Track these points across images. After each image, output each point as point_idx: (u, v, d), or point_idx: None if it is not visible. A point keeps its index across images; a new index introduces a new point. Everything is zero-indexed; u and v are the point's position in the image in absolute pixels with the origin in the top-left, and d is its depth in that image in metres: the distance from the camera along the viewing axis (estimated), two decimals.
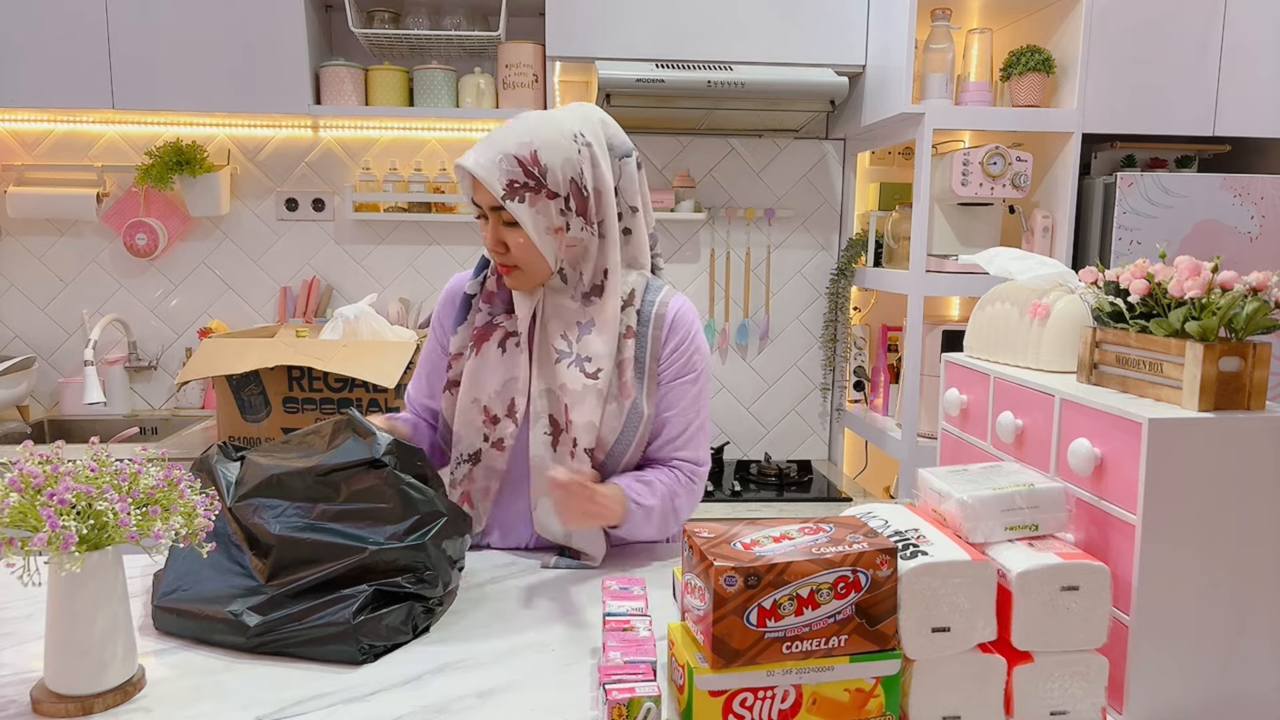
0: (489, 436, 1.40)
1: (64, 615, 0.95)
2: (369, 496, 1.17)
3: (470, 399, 1.40)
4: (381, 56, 2.75)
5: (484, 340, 1.41)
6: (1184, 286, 1.01)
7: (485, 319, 1.42)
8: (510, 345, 1.40)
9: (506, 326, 1.41)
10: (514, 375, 1.39)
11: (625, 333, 1.38)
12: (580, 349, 1.36)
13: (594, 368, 1.35)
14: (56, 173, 2.77)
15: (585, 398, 1.35)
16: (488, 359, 1.40)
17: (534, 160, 1.28)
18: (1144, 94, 2.35)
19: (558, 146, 1.30)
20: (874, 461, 2.93)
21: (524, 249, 1.32)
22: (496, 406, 1.39)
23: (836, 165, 2.94)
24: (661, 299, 1.42)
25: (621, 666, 0.93)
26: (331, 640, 1.08)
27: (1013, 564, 0.92)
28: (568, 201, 1.32)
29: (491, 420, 1.40)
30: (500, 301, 1.42)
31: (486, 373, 1.40)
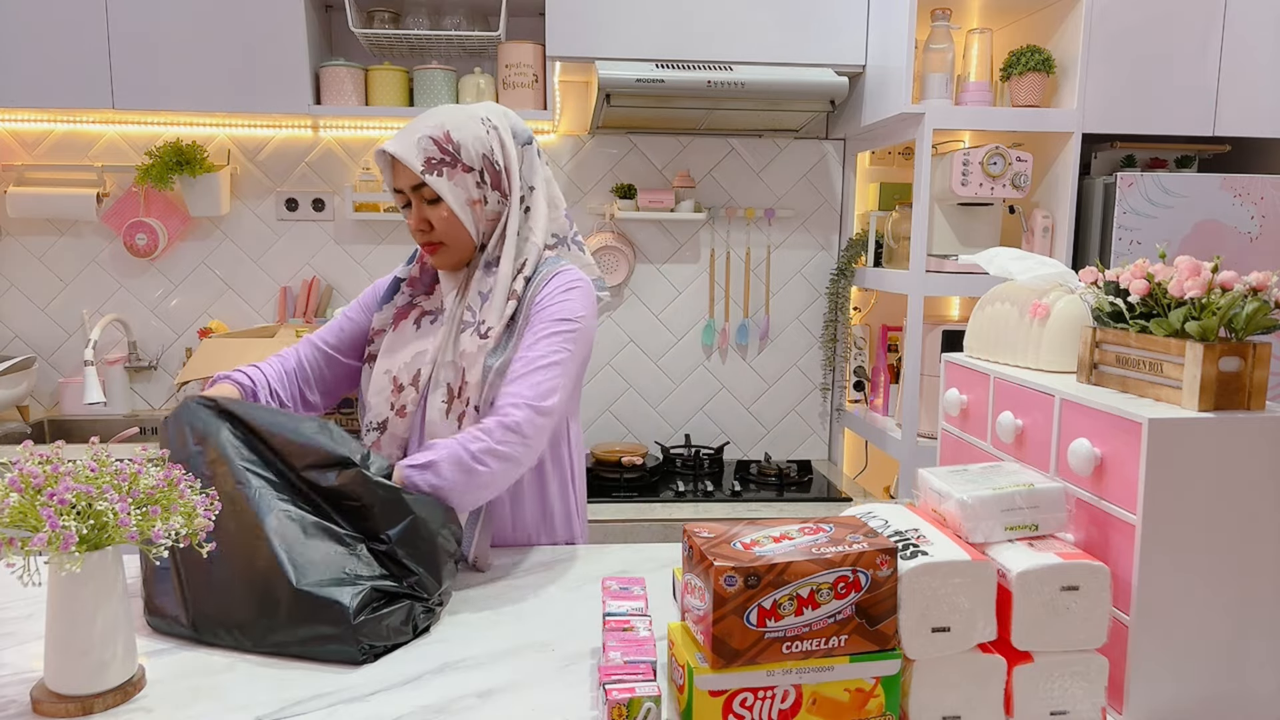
0: (394, 405, 1.47)
1: (64, 615, 0.95)
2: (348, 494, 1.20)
3: (383, 370, 1.50)
4: (381, 56, 2.75)
5: (402, 319, 1.53)
6: (1184, 286, 1.01)
7: (406, 299, 1.55)
8: (425, 323, 1.50)
9: (424, 306, 1.53)
10: (422, 349, 1.47)
11: (510, 295, 1.43)
12: (481, 315, 1.43)
13: (486, 328, 1.41)
14: (56, 173, 2.77)
15: (478, 359, 1.40)
16: (403, 335, 1.51)
17: (447, 139, 1.40)
18: (1144, 94, 2.35)
19: (467, 127, 1.42)
20: (874, 461, 2.93)
21: (446, 223, 1.42)
22: (403, 376, 1.47)
23: (836, 165, 2.94)
24: (550, 270, 1.45)
25: (621, 666, 0.93)
26: (331, 640, 1.08)
27: (1013, 564, 0.92)
28: (482, 175, 1.42)
29: (397, 389, 1.47)
30: (421, 285, 1.56)
31: (399, 347, 1.50)
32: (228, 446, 1.21)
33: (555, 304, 1.40)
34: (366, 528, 1.20)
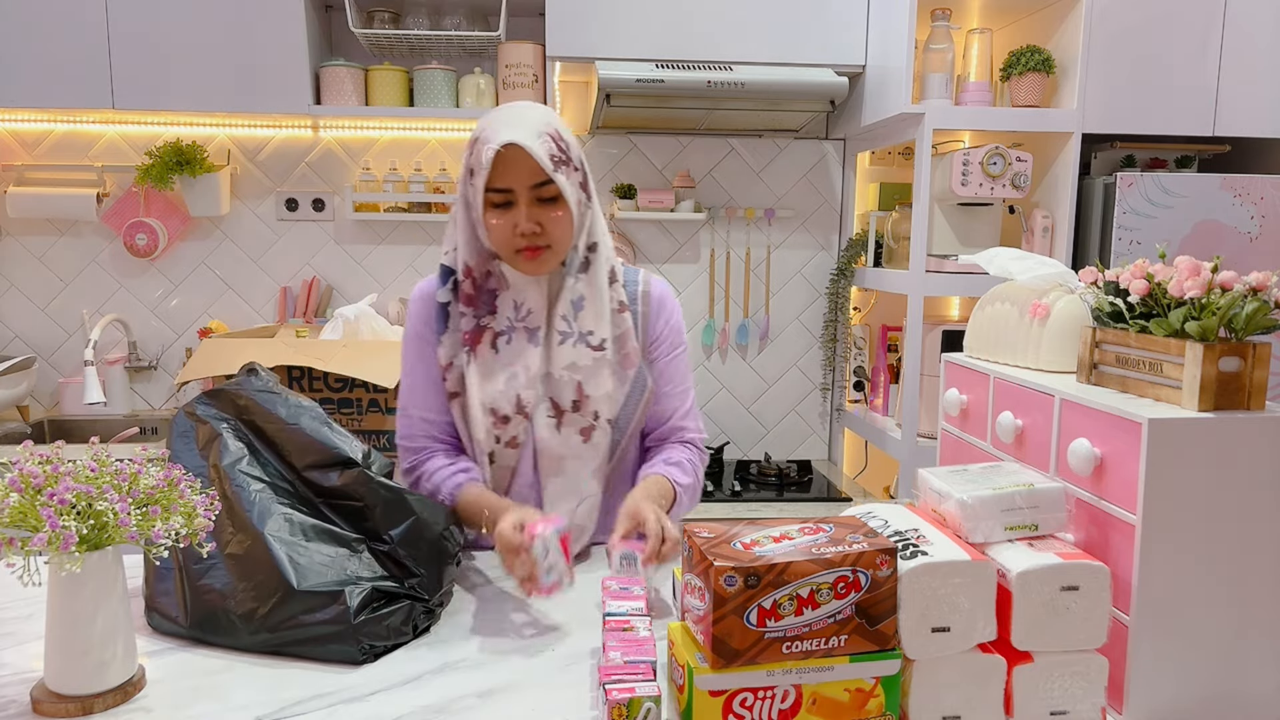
0: (501, 438, 1.39)
1: (64, 615, 0.95)
2: (348, 494, 1.21)
3: (478, 404, 1.38)
4: (381, 56, 2.75)
5: (476, 344, 1.39)
6: (1184, 286, 1.01)
7: (472, 323, 1.39)
8: (502, 344, 1.39)
9: (494, 326, 1.39)
10: (514, 370, 1.39)
11: (618, 308, 1.42)
12: (579, 325, 1.39)
13: (597, 340, 1.39)
14: (56, 173, 2.77)
15: (598, 371, 1.38)
16: (486, 363, 1.39)
17: (559, 136, 1.32)
18: (1144, 94, 2.35)
19: (565, 126, 1.36)
20: (874, 461, 2.93)
21: (559, 224, 1.32)
22: (504, 405, 1.38)
23: (836, 165, 2.94)
24: (643, 278, 1.49)
25: (621, 666, 0.93)
26: (331, 640, 1.08)
27: (1013, 564, 0.92)
28: (580, 176, 1.37)
29: (501, 420, 1.39)
30: (481, 303, 1.39)
31: (487, 376, 1.39)
32: (229, 449, 1.21)
33: (679, 324, 1.50)
34: (368, 528, 1.20)
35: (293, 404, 1.25)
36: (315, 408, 1.27)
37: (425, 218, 2.80)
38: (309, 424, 1.23)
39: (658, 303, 1.48)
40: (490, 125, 1.31)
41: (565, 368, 1.38)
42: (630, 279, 1.48)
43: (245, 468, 1.20)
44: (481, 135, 1.31)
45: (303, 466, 1.21)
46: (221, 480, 1.18)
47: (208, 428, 1.23)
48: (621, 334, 1.42)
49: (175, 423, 1.25)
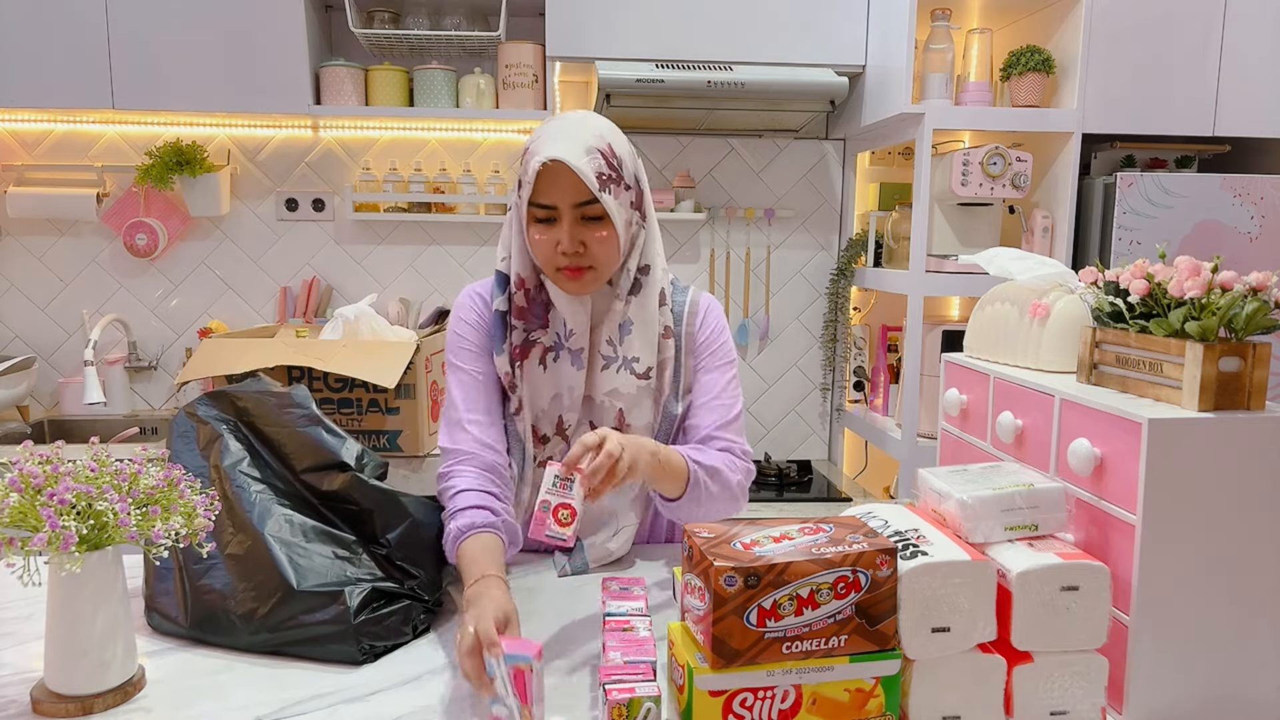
0: (537, 456, 1.37)
1: (64, 615, 0.95)
2: (343, 498, 1.20)
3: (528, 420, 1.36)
4: (381, 56, 2.75)
5: (524, 359, 1.34)
6: (1184, 286, 1.01)
7: (522, 336, 1.34)
8: (550, 360, 1.34)
9: (544, 342, 1.34)
10: (558, 391, 1.35)
11: (664, 333, 1.36)
12: (624, 350, 1.34)
13: (643, 368, 1.34)
14: (56, 173, 2.77)
15: (641, 400, 1.34)
16: (533, 380, 1.35)
17: (611, 152, 1.26)
18: (1144, 94, 2.35)
19: (622, 141, 1.30)
20: (874, 461, 2.93)
21: (604, 244, 1.26)
22: (544, 425, 1.36)
23: (836, 165, 2.94)
24: (691, 297, 1.43)
25: (621, 666, 0.93)
26: (331, 640, 1.08)
27: (1013, 564, 0.92)
28: (635, 195, 1.31)
29: (540, 440, 1.36)
30: (533, 317, 1.34)
31: (532, 392, 1.35)
32: (230, 450, 1.21)
33: (724, 338, 1.41)
34: (366, 531, 1.20)
35: (289, 403, 1.25)
36: (306, 400, 1.25)
37: (425, 218, 2.80)
38: (304, 425, 1.23)
39: (704, 318, 1.42)
40: (541, 136, 1.26)
41: (607, 394, 1.33)
42: (678, 298, 1.42)
43: (245, 469, 1.20)
44: (531, 146, 1.26)
45: (301, 469, 1.22)
46: (222, 481, 1.18)
47: (208, 428, 1.23)
48: (663, 361, 1.37)
49: (175, 423, 1.25)
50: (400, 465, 2.20)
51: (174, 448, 1.22)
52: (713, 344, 1.42)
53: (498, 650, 0.91)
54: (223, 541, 1.14)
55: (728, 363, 1.42)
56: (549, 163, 1.21)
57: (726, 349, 1.42)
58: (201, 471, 1.19)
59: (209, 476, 1.19)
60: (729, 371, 1.41)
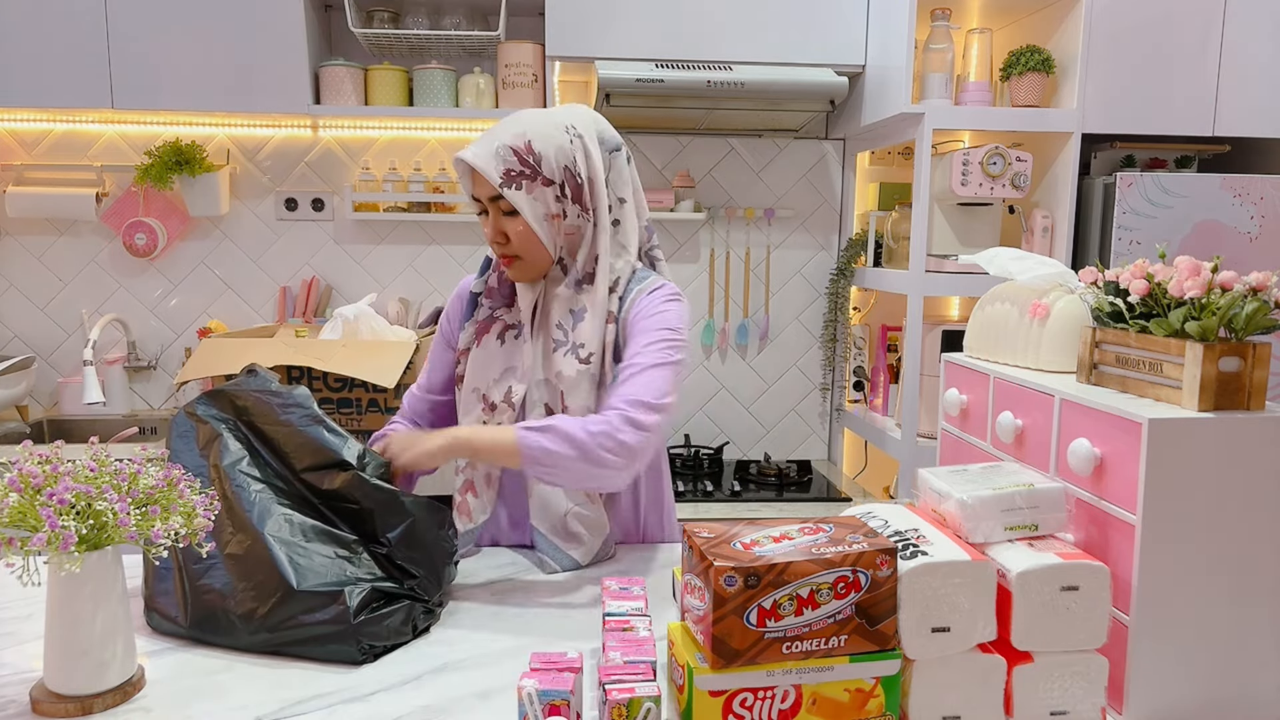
0: (487, 423, 1.43)
1: (64, 615, 0.95)
2: (344, 496, 1.20)
3: (471, 389, 1.45)
4: (381, 56, 2.75)
5: (484, 333, 1.46)
6: (1184, 286, 1.01)
7: (486, 313, 1.47)
8: (509, 337, 1.44)
9: (506, 319, 1.46)
10: (511, 365, 1.43)
11: (608, 318, 1.39)
12: (575, 336, 1.38)
13: (586, 353, 1.37)
14: (56, 172, 2.77)
15: (580, 383, 1.37)
16: (489, 351, 1.45)
17: (528, 149, 1.33)
18: (1144, 94, 2.35)
19: (550, 137, 1.35)
20: (874, 461, 2.93)
21: (523, 237, 1.35)
22: (495, 395, 1.43)
23: (836, 165, 2.94)
24: (645, 285, 1.42)
25: (621, 666, 0.93)
26: (331, 640, 1.08)
27: (1013, 564, 0.92)
28: (563, 189, 1.35)
29: (490, 408, 1.43)
30: (500, 296, 1.47)
31: (486, 363, 1.44)
32: (230, 449, 1.21)
33: (659, 313, 1.37)
34: (366, 530, 1.20)
35: (289, 402, 1.25)
36: (307, 399, 1.25)
37: (425, 217, 2.80)
38: (305, 424, 1.23)
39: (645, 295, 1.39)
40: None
41: (554, 375, 1.38)
42: (634, 286, 1.41)
43: (245, 468, 1.20)
44: None
45: (301, 469, 1.21)
46: (221, 480, 1.18)
47: (208, 428, 1.23)
48: (605, 345, 1.38)
49: (175, 423, 1.25)
50: None
51: (173, 447, 1.22)
52: (640, 319, 1.37)
53: (537, 683, 0.89)
54: (222, 541, 1.14)
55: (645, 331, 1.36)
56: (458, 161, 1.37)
57: (652, 321, 1.37)
58: (201, 471, 1.19)
59: (208, 476, 1.19)
60: (645, 339, 1.35)
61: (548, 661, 0.94)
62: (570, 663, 0.94)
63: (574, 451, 1.22)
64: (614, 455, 1.23)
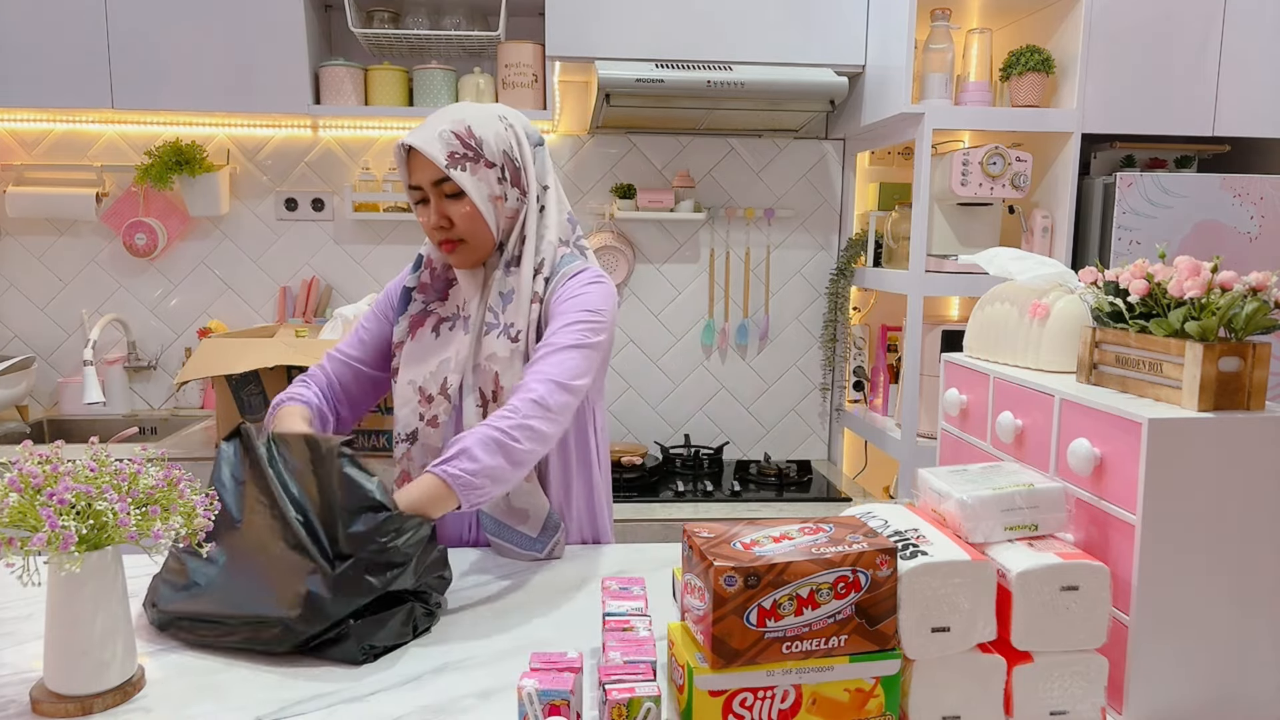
0: (424, 415, 1.46)
1: (64, 615, 0.95)
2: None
3: (406, 381, 1.47)
4: (381, 56, 2.75)
5: (419, 327, 1.49)
6: (1184, 286, 1.01)
7: (420, 307, 1.50)
8: (444, 329, 1.48)
9: (440, 313, 1.49)
10: (446, 356, 1.45)
11: (533, 298, 1.42)
12: (505, 318, 1.42)
13: (516, 331, 1.40)
14: (56, 172, 2.77)
15: (513, 362, 1.39)
16: (423, 344, 1.48)
17: (469, 134, 1.38)
18: (1144, 94, 2.35)
19: (488, 123, 1.40)
20: (874, 461, 2.93)
21: (468, 219, 1.39)
22: (431, 386, 1.45)
23: (836, 165, 2.94)
24: (571, 268, 1.45)
25: (621, 666, 0.93)
26: (331, 640, 1.08)
27: (1013, 564, 0.92)
28: (503, 171, 1.40)
29: (426, 400, 1.45)
30: (434, 291, 1.50)
31: (421, 356, 1.47)
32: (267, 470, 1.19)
33: (579, 295, 1.41)
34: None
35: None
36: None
37: None
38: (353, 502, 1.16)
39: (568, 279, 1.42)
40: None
41: (487, 358, 1.41)
42: (561, 269, 1.44)
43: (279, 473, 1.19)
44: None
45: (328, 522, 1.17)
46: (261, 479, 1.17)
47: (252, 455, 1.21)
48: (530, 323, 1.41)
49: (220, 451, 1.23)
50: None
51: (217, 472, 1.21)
52: (562, 301, 1.40)
53: (537, 682, 0.89)
54: (223, 539, 1.14)
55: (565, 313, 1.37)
56: (403, 148, 1.39)
57: (573, 303, 1.38)
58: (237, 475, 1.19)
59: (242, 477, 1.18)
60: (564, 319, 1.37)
61: (548, 661, 0.94)
62: (570, 663, 0.94)
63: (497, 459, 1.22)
64: (528, 445, 1.25)
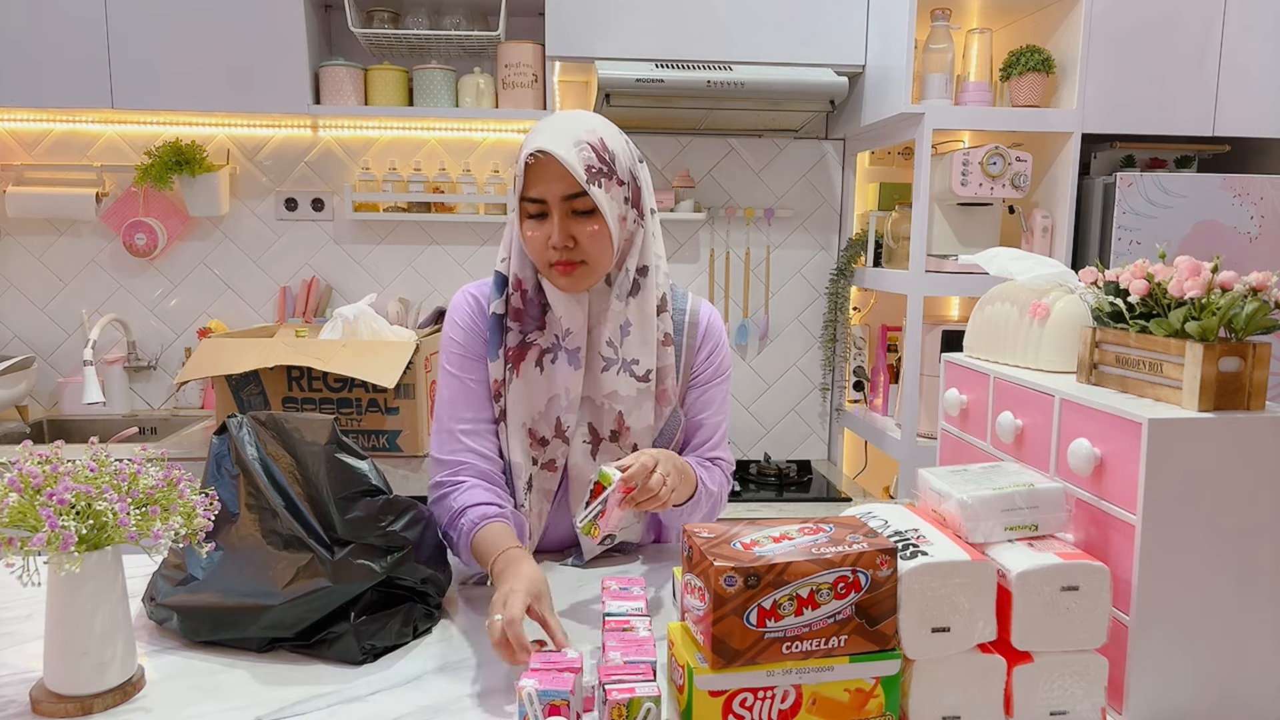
0: (538, 460, 1.35)
1: (64, 615, 0.95)
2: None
3: (519, 424, 1.33)
4: (381, 56, 2.75)
5: (520, 361, 1.33)
6: (1184, 286, 1.01)
7: (518, 339, 1.33)
8: (547, 362, 1.33)
9: (541, 344, 1.33)
10: (555, 393, 1.33)
11: (664, 340, 1.36)
12: (625, 353, 1.32)
13: (642, 370, 1.33)
14: (56, 172, 2.77)
15: (641, 403, 1.34)
16: (529, 380, 1.33)
17: (603, 146, 1.25)
18: (1144, 94, 2.35)
19: (616, 136, 1.29)
20: (874, 461, 2.93)
21: (595, 240, 1.24)
22: (543, 428, 1.34)
23: (836, 165, 2.94)
24: (691, 306, 1.44)
25: (621, 666, 0.93)
26: (331, 640, 1.08)
27: (1013, 564, 0.92)
28: (629, 191, 1.29)
29: (539, 443, 1.34)
30: (530, 318, 1.33)
31: (530, 395, 1.33)
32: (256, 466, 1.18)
33: (725, 353, 1.45)
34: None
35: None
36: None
37: (425, 217, 2.80)
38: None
39: (703, 333, 1.42)
40: (533, 131, 1.26)
41: (607, 396, 1.33)
42: (679, 306, 1.42)
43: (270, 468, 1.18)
44: (525, 142, 1.26)
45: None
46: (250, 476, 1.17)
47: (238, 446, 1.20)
48: (663, 368, 1.36)
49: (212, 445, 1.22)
50: (400, 465, 2.20)
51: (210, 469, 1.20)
52: (715, 360, 1.45)
53: (539, 681, 0.89)
54: (226, 537, 1.14)
55: (725, 378, 1.47)
56: (536, 154, 1.21)
57: (725, 363, 1.46)
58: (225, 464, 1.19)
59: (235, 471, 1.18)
60: (725, 387, 1.46)
61: (548, 661, 0.94)
62: (570, 663, 0.94)
63: (709, 509, 1.40)
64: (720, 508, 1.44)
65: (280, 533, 1.12)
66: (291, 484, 1.15)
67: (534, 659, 0.95)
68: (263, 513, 1.14)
